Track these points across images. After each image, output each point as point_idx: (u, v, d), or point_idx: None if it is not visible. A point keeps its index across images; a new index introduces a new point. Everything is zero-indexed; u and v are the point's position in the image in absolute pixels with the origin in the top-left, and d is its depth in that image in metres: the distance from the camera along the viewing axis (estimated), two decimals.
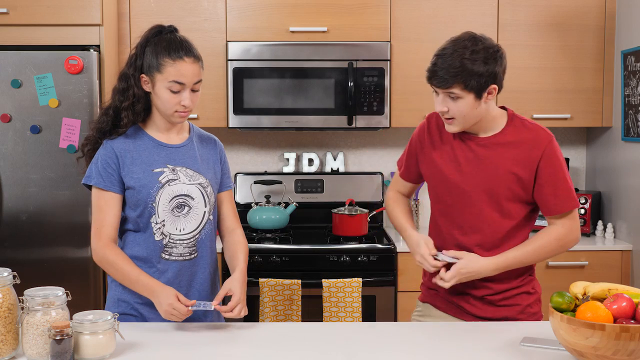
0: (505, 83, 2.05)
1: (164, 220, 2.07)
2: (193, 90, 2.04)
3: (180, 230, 2.09)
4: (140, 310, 2.09)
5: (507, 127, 2.07)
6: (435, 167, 2.15)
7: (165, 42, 2.03)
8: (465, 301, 2.14)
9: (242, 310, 1.99)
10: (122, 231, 2.13)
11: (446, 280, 2.03)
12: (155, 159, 2.08)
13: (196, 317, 2.13)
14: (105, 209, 2.06)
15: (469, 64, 1.93)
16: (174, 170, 2.09)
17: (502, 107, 2.13)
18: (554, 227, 2.07)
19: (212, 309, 1.98)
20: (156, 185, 2.05)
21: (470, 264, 2.02)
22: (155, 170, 2.07)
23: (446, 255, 2.04)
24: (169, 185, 2.07)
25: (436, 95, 2.02)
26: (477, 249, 2.08)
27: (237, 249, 2.17)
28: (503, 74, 2.02)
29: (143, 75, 2.04)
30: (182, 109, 2.04)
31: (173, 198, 2.07)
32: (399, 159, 2.33)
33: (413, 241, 2.13)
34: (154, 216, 2.06)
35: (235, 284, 2.03)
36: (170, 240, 2.08)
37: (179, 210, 2.08)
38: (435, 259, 2.04)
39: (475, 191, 2.07)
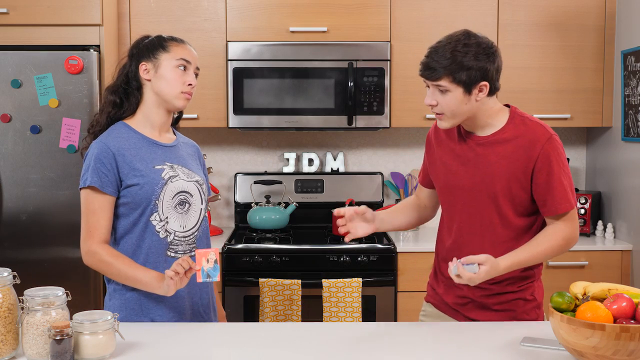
0: (505, 83, 2.03)
1: (167, 217, 2.05)
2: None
3: (183, 228, 2.08)
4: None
5: (507, 125, 2.04)
6: (439, 166, 2.15)
7: (162, 35, 2.13)
8: (460, 304, 2.14)
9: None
10: (118, 238, 2.07)
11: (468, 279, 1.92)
12: (154, 156, 2.08)
13: (195, 318, 2.14)
14: (98, 212, 2.01)
15: (460, 56, 1.92)
16: (172, 167, 2.09)
17: (507, 105, 2.10)
18: (558, 227, 2.01)
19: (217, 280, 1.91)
20: (160, 181, 2.04)
21: (491, 271, 1.92)
22: (157, 167, 2.06)
23: (469, 265, 1.90)
24: (171, 181, 2.06)
25: (428, 89, 2.01)
26: (478, 249, 2.05)
27: None
28: (497, 73, 1.99)
29: (143, 63, 2.07)
30: (188, 89, 2.07)
31: (176, 194, 2.07)
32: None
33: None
34: (155, 214, 2.03)
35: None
36: (175, 238, 2.07)
37: (182, 207, 2.08)
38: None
39: (473, 190, 2.05)
